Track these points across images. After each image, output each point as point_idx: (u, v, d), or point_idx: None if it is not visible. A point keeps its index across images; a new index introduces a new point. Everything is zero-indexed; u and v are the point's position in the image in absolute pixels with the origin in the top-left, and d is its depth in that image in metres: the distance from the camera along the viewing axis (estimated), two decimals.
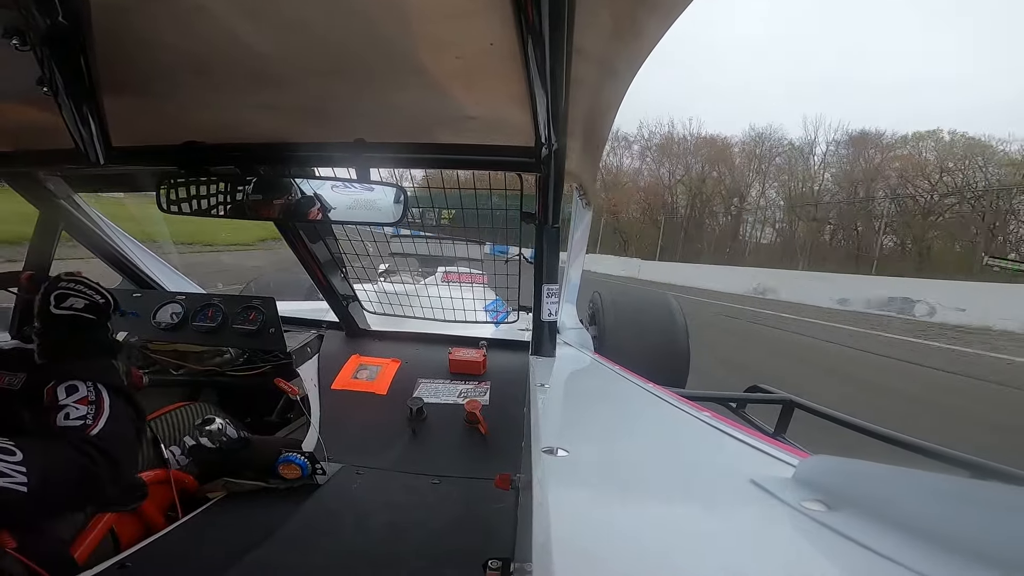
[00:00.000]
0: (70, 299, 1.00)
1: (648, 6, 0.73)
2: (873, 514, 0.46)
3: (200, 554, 1.01)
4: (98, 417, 0.90)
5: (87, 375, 0.94)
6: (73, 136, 0.96)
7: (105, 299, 1.05)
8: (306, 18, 0.76)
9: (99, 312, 1.03)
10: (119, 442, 0.91)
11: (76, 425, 0.87)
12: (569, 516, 0.50)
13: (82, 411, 0.89)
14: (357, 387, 1.68)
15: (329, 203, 1.20)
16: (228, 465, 1.24)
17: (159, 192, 1.20)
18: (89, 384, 0.93)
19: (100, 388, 0.94)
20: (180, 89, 1.01)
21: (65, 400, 0.90)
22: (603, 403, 1.23)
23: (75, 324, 1.00)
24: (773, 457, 0.71)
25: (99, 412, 0.90)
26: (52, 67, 0.79)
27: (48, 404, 0.91)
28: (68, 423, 0.88)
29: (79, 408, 0.89)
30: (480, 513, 1.15)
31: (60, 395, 0.91)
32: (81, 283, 1.04)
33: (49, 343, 0.99)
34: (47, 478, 0.78)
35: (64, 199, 1.59)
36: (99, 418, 0.90)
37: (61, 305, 1.00)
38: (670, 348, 2.83)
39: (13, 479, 0.73)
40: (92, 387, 0.93)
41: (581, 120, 1.17)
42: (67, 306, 1.00)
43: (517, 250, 1.79)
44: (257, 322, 1.67)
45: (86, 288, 1.04)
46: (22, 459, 0.75)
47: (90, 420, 0.89)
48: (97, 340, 1.03)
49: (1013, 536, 0.37)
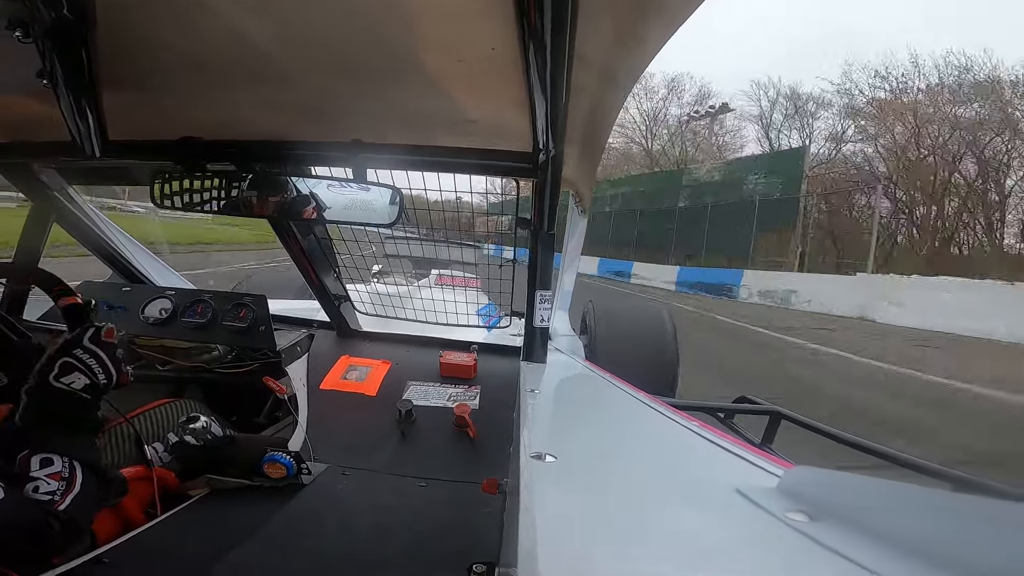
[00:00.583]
0: (73, 374, 0.95)
1: (650, 14, 0.74)
2: (854, 525, 0.46)
3: (180, 551, 1.00)
4: (67, 494, 0.87)
5: (64, 451, 0.92)
6: (70, 129, 0.96)
7: (107, 380, 1.00)
8: (307, 16, 0.76)
9: (95, 392, 0.99)
10: (81, 517, 0.90)
11: (44, 500, 0.85)
12: (556, 522, 0.50)
13: (52, 486, 0.87)
14: (346, 388, 1.67)
15: (324, 203, 1.20)
16: (212, 463, 1.23)
17: (153, 186, 1.20)
18: (65, 460, 0.90)
19: (75, 466, 0.91)
20: (178, 85, 1.01)
21: (37, 472, 0.87)
22: (593, 410, 1.23)
23: (68, 402, 0.95)
24: (758, 467, 0.72)
25: (69, 489, 0.88)
26: (53, 60, 0.79)
27: (19, 472, 0.88)
28: (36, 496, 0.85)
29: (50, 483, 0.87)
30: (466, 517, 1.15)
31: (33, 466, 0.88)
32: (95, 356, 0.98)
33: (33, 410, 0.94)
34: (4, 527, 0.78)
35: (57, 191, 1.58)
36: (67, 495, 0.87)
37: (61, 379, 0.94)
38: (660, 358, 2.85)
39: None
40: (67, 464, 0.90)
41: (580, 127, 1.18)
42: (66, 382, 0.95)
43: (512, 253, 1.79)
44: (247, 320, 1.66)
45: (96, 365, 0.98)
46: (2, 499, 0.76)
47: (58, 497, 0.86)
48: (84, 419, 0.99)
49: (993, 549, 0.38)
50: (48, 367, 0.95)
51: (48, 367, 0.95)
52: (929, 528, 0.42)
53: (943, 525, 0.42)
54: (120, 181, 1.78)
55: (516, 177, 1.33)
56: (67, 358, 0.96)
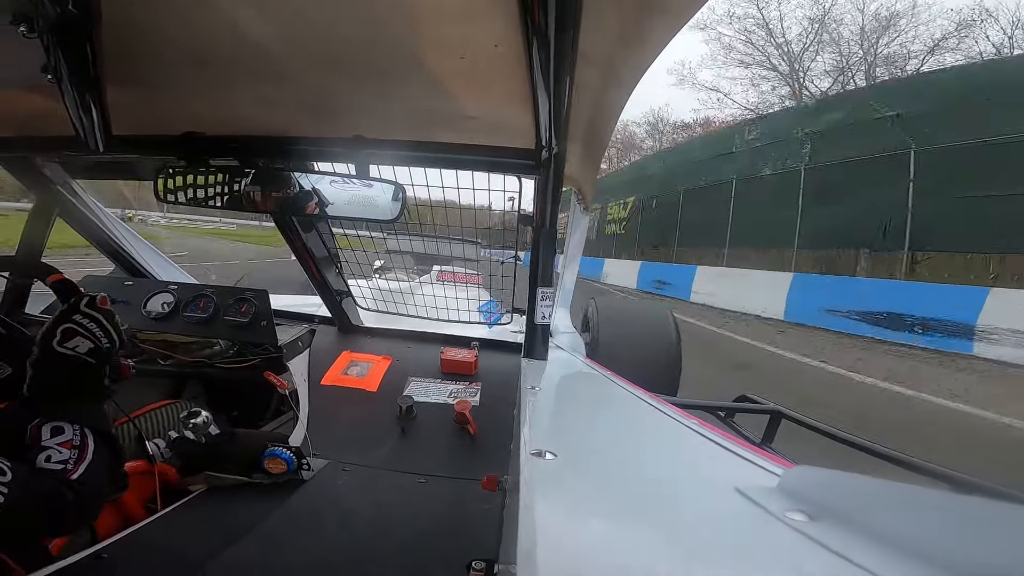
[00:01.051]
0: (76, 338, 0.95)
1: (655, 12, 0.73)
2: (854, 525, 0.46)
3: (179, 547, 1.00)
4: (79, 463, 0.87)
5: (75, 419, 0.92)
6: (74, 123, 0.96)
7: (111, 343, 1.00)
8: (309, 12, 0.76)
9: (100, 356, 0.99)
10: (94, 487, 0.89)
11: (56, 469, 0.85)
12: (555, 519, 0.50)
13: (64, 455, 0.87)
14: (347, 383, 1.67)
15: (327, 198, 1.20)
16: (212, 458, 1.23)
17: (157, 181, 1.20)
18: (76, 428, 0.90)
19: (87, 433, 0.91)
20: (181, 80, 1.01)
21: (48, 441, 0.87)
22: (593, 408, 1.23)
23: (73, 366, 0.96)
24: (758, 466, 0.72)
25: (81, 458, 0.88)
26: (58, 55, 0.79)
27: (31, 442, 0.88)
28: (48, 466, 0.85)
29: (62, 451, 0.87)
30: (466, 514, 1.15)
31: (44, 435, 0.88)
32: (95, 320, 0.98)
33: (41, 379, 0.94)
34: (22, 503, 0.76)
35: (61, 185, 1.59)
36: (80, 464, 0.87)
37: (65, 343, 0.94)
38: (663, 357, 2.84)
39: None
40: (79, 431, 0.90)
41: (583, 124, 1.17)
42: (71, 346, 0.95)
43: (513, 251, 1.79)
44: (249, 314, 1.66)
45: (97, 329, 0.98)
46: (10, 480, 0.74)
47: (71, 465, 0.86)
48: (92, 385, 0.99)
49: (992, 550, 0.38)
50: (51, 334, 0.94)
51: (51, 334, 0.94)
52: (929, 529, 0.42)
53: (943, 526, 0.42)
54: (123, 176, 1.78)
55: (519, 174, 1.33)
56: (68, 324, 0.96)
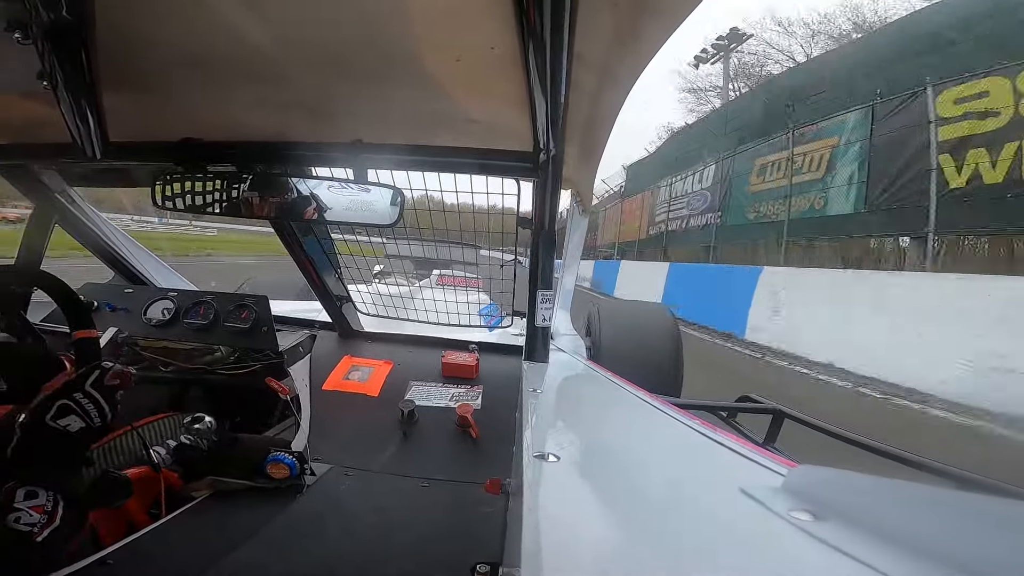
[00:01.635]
0: (69, 416, 0.96)
1: (650, 12, 0.73)
2: (859, 525, 0.46)
3: (183, 553, 1.00)
4: (47, 527, 0.88)
5: (52, 485, 0.92)
6: (71, 130, 0.96)
7: (103, 422, 1.00)
8: (307, 16, 0.76)
9: (89, 434, 0.99)
10: (55, 548, 0.90)
11: (24, 531, 0.86)
12: (559, 522, 0.50)
13: (34, 518, 0.88)
14: (348, 388, 1.67)
15: (325, 203, 1.20)
16: (215, 464, 1.23)
17: (154, 188, 1.20)
18: (50, 495, 0.91)
19: (59, 500, 0.92)
20: (179, 85, 1.01)
21: (21, 504, 0.88)
22: (595, 409, 1.22)
23: (61, 441, 0.96)
24: (762, 466, 0.71)
25: (50, 522, 0.89)
26: (53, 61, 0.79)
27: (2, 502, 0.88)
28: (16, 527, 0.86)
29: (32, 515, 0.88)
30: (469, 517, 1.15)
31: (18, 497, 0.89)
32: (94, 401, 0.99)
33: (25, 447, 0.94)
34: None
35: (59, 193, 1.59)
36: (47, 527, 0.88)
37: (58, 420, 0.95)
38: (664, 359, 2.83)
39: None
40: (52, 498, 0.91)
41: (580, 126, 1.17)
42: (63, 423, 0.95)
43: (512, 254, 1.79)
44: (249, 320, 1.66)
45: (94, 408, 0.98)
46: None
47: (37, 529, 0.87)
48: (74, 458, 1.00)
49: (999, 548, 0.37)
50: (46, 407, 0.94)
51: (46, 407, 0.94)
52: (935, 527, 0.41)
53: (949, 524, 0.41)
54: (121, 183, 1.78)
55: (517, 177, 1.33)
56: (66, 400, 0.96)
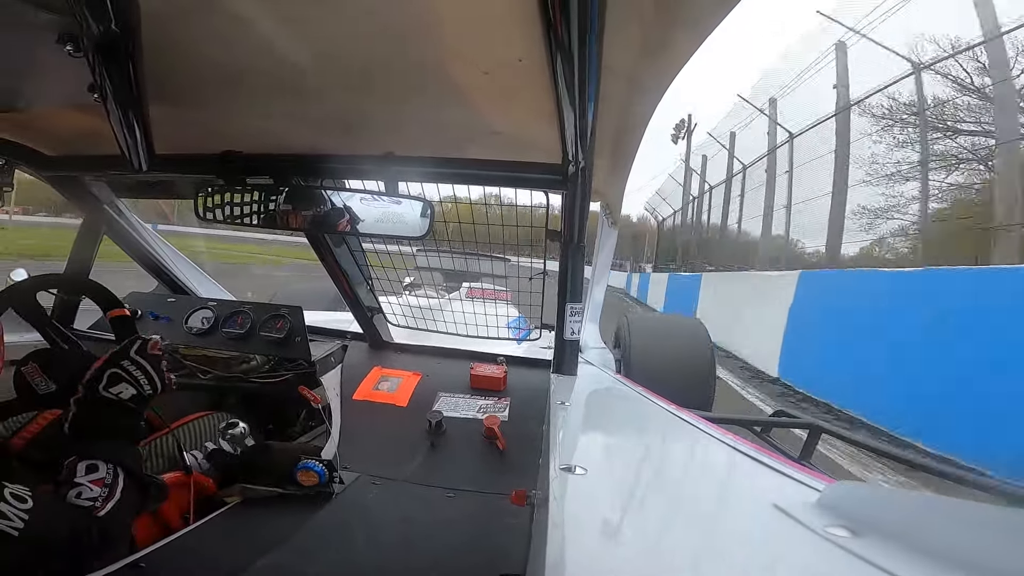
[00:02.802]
0: (120, 384, 1.00)
1: (680, 22, 0.73)
2: (901, 542, 0.44)
3: (213, 558, 1.02)
4: (108, 501, 0.90)
5: (110, 457, 0.94)
6: (119, 142, 1.00)
7: (153, 390, 1.04)
8: (340, 34, 0.79)
9: (141, 401, 1.03)
10: (118, 525, 0.92)
11: (85, 506, 0.88)
12: (584, 535, 0.50)
13: (95, 492, 0.89)
14: (378, 398, 1.68)
15: (358, 215, 1.22)
16: (247, 470, 1.26)
17: (197, 200, 1.24)
18: (110, 467, 0.93)
19: (119, 472, 0.94)
20: (220, 99, 1.05)
21: (81, 478, 0.90)
22: (623, 423, 1.21)
23: (116, 410, 0.99)
24: (797, 482, 0.69)
25: (110, 496, 0.90)
26: (103, 74, 0.82)
27: (64, 478, 0.91)
28: (78, 502, 0.88)
29: (93, 489, 0.89)
30: (494, 528, 1.14)
31: (79, 472, 0.91)
32: (141, 368, 1.03)
33: (82, 420, 0.98)
34: (42, 534, 0.79)
35: (108, 204, 1.65)
36: (108, 502, 0.90)
37: (110, 388, 0.99)
38: (696, 371, 2.78)
39: (10, 523, 0.74)
40: (111, 470, 0.93)
41: (609, 138, 1.17)
42: (115, 392, 0.99)
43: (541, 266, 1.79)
44: (284, 330, 1.69)
45: (142, 376, 1.02)
46: (30, 507, 0.77)
47: (99, 503, 0.89)
48: (130, 427, 1.03)
49: None
50: (97, 378, 0.99)
51: (97, 378, 0.99)
52: (979, 544, 0.39)
53: (995, 541, 0.39)
54: (166, 195, 1.85)
55: (546, 189, 1.33)
56: (115, 369, 1.00)
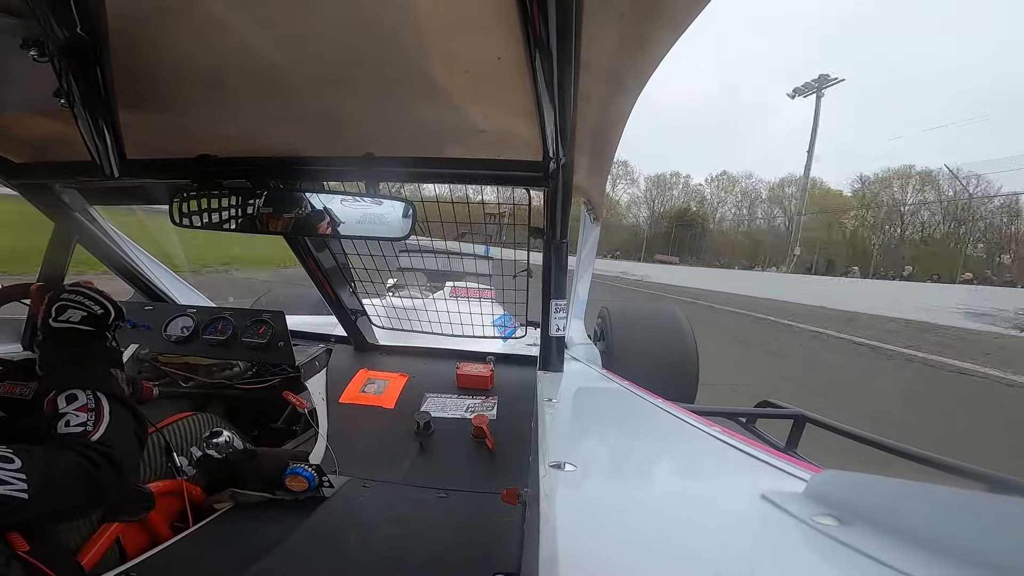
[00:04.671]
0: (68, 311, 1.02)
1: (656, 17, 0.73)
2: (887, 529, 0.45)
3: (205, 565, 1.01)
4: (98, 423, 0.90)
5: (85, 384, 0.95)
6: (89, 148, 0.98)
7: (104, 309, 1.05)
8: (317, 32, 0.78)
9: (97, 323, 1.04)
10: (120, 447, 0.91)
11: (76, 432, 0.88)
12: (576, 531, 0.50)
13: (82, 418, 0.90)
14: (365, 401, 1.68)
15: (339, 217, 1.21)
16: (235, 476, 1.24)
17: (172, 205, 1.21)
18: (88, 392, 0.94)
19: (99, 396, 0.94)
20: (194, 102, 1.03)
21: (65, 408, 0.91)
22: (611, 418, 1.21)
23: (72, 336, 1.01)
24: (784, 472, 0.70)
25: (99, 419, 0.91)
26: (69, 79, 0.80)
27: (49, 413, 0.91)
28: (68, 430, 0.88)
29: (79, 415, 0.90)
30: (486, 527, 1.14)
31: (60, 404, 0.91)
32: (82, 294, 1.04)
33: (47, 354, 1.00)
34: (50, 484, 0.78)
35: (79, 211, 1.61)
36: (99, 424, 0.90)
37: (59, 318, 1.01)
38: (679, 363, 2.81)
39: (13, 486, 0.74)
40: (91, 395, 0.94)
41: (589, 134, 1.17)
42: (64, 319, 1.01)
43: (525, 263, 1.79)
44: (266, 335, 1.68)
45: (86, 299, 1.04)
46: (20, 466, 0.76)
47: (90, 427, 0.89)
48: (95, 350, 1.03)
49: None
50: (46, 315, 1.02)
51: (46, 315, 1.02)
52: (965, 530, 0.40)
53: (979, 527, 0.40)
54: (140, 201, 1.81)
55: (527, 186, 1.33)
56: (59, 302, 1.03)
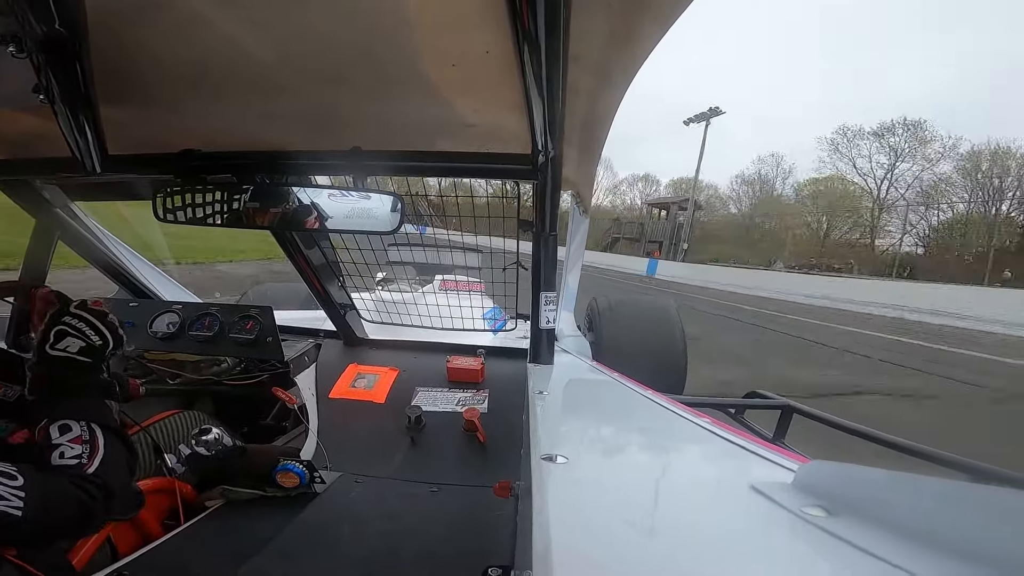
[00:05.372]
0: (66, 339, 0.98)
1: (643, 12, 0.73)
2: (873, 519, 0.46)
3: (197, 563, 1.00)
4: (93, 456, 0.88)
5: (79, 415, 0.93)
6: (69, 144, 0.96)
7: (103, 340, 1.02)
8: (304, 26, 0.77)
9: (95, 354, 1.01)
10: (114, 479, 0.90)
11: (71, 464, 0.86)
12: (569, 523, 0.50)
13: (77, 450, 0.88)
14: (355, 396, 1.67)
15: (326, 212, 1.20)
16: (226, 473, 1.24)
17: (155, 201, 1.19)
18: (83, 424, 0.92)
19: (94, 428, 0.92)
20: (177, 97, 1.01)
21: (58, 439, 0.89)
22: (602, 410, 1.22)
23: (68, 366, 0.98)
24: (773, 463, 0.71)
25: (94, 451, 0.89)
26: (48, 74, 0.79)
27: (40, 442, 0.89)
28: (63, 462, 0.86)
29: (73, 447, 0.88)
30: (479, 521, 1.14)
31: (53, 434, 0.89)
32: (84, 321, 1.01)
33: (40, 381, 0.96)
34: (45, 507, 0.77)
35: (61, 208, 1.59)
36: (94, 457, 0.88)
37: (56, 345, 0.97)
38: (667, 354, 2.83)
39: (10, 503, 0.72)
40: (86, 427, 0.92)
41: (578, 127, 1.17)
42: (62, 347, 0.97)
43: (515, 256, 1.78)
44: (254, 331, 1.66)
45: (87, 328, 1.00)
46: (22, 484, 0.75)
47: (85, 459, 0.87)
48: (90, 382, 1.00)
49: (1011, 539, 0.37)
50: (44, 339, 0.98)
51: (44, 339, 0.98)
52: (949, 520, 0.41)
53: (963, 517, 0.41)
54: (123, 196, 1.78)
55: (516, 179, 1.33)
56: (59, 326, 0.99)
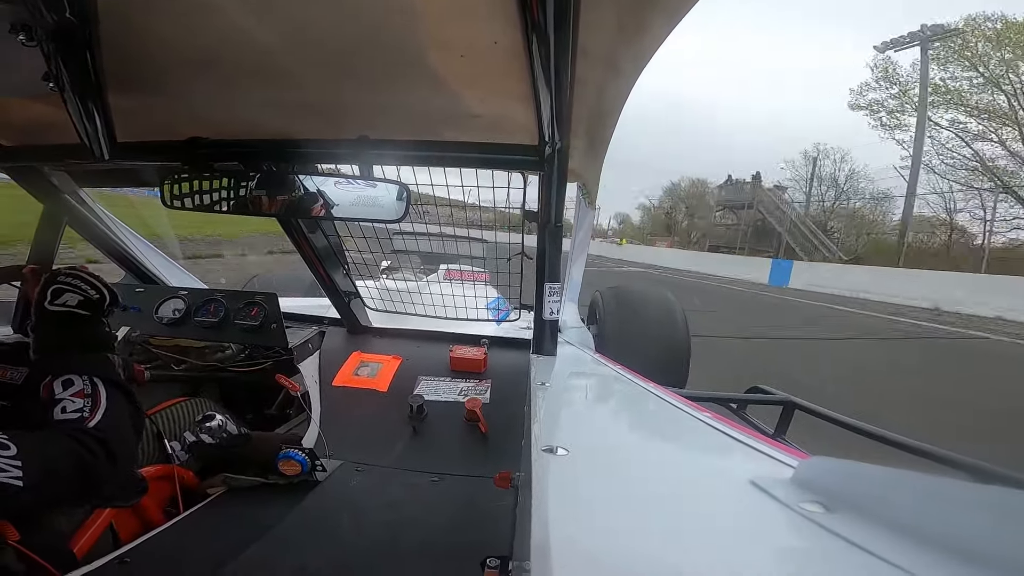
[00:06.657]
0: (64, 295, 1.00)
1: (653, 5, 0.73)
2: (871, 516, 0.46)
3: (199, 550, 1.01)
4: (95, 410, 0.89)
5: (82, 369, 0.94)
6: (78, 131, 0.97)
7: (100, 294, 1.04)
8: (311, 15, 0.76)
9: (93, 308, 1.03)
10: (116, 434, 0.91)
11: (73, 418, 0.87)
12: (568, 515, 0.51)
13: (79, 404, 0.89)
14: (358, 384, 1.68)
15: (332, 200, 1.20)
16: (228, 461, 1.25)
17: (163, 188, 1.20)
18: (85, 378, 0.93)
19: (96, 382, 0.94)
20: (185, 85, 1.01)
21: (62, 394, 0.90)
22: (603, 402, 1.23)
23: (69, 320, 1.00)
24: (773, 458, 0.71)
25: (96, 405, 0.90)
26: (58, 63, 0.79)
27: (45, 399, 0.91)
28: (65, 416, 0.88)
29: (76, 401, 0.89)
30: (479, 511, 1.15)
31: (56, 389, 0.91)
32: (78, 278, 1.03)
33: (43, 339, 0.99)
34: (45, 471, 0.77)
35: (69, 194, 1.59)
36: (96, 411, 0.89)
37: (55, 302, 0.99)
38: (671, 347, 2.83)
39: (8, 473, 0.73)
40: (88, 381, 0.93)
41: (585, 119, 1.17)
42: (61, 303, 0.99)
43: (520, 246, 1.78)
44: (259, 318, 1.67)
45: (82, 283, 1.02)
46: (16, 453, 0.75)
47: (87, 412, 0.89)
48: (92, 335, 1.02)
49: (1010, 538, 0.37)
50: (41, 298, 1.00)
51: (41, 298, 1.00)
52: (948, 518, 0.41)
53: (962, 515, 0.41)
54: (131, 183, 1.79)
55: (523, 171, 1.33)
56: (55, 285, 1.01)
